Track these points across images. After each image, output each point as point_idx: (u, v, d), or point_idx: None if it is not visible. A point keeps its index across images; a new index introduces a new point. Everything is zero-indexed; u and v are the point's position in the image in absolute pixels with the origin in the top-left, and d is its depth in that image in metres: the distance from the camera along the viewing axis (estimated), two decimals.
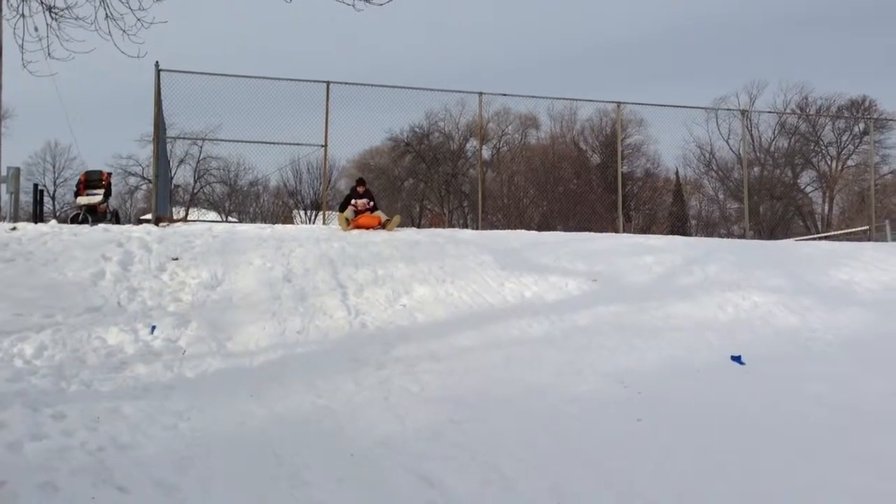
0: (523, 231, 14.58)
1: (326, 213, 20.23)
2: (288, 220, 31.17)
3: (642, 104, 20.58)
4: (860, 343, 9.52)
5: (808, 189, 36.94)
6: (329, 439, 5.79)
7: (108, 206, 14.95)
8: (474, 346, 8.28)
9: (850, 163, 35.57)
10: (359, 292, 9.40)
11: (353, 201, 13.59)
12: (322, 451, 5.53)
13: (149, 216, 13.85)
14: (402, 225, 13.88)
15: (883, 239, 18.06)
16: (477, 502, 5.03)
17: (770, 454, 6.29)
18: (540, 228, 17.26)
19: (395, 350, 7.90)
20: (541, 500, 5.20)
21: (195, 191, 32.86)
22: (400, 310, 9.07)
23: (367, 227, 13.01)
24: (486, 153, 32.01)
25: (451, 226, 28.37)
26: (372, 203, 13.65)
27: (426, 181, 34.34)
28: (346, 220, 13.33)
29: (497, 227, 18.70)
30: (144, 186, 35.61)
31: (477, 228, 15.15)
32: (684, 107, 23.98)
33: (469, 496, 5.09)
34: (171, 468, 4.87)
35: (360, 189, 13.77)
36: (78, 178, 15.88)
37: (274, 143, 15.88)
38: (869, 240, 17.49)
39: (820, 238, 21.38)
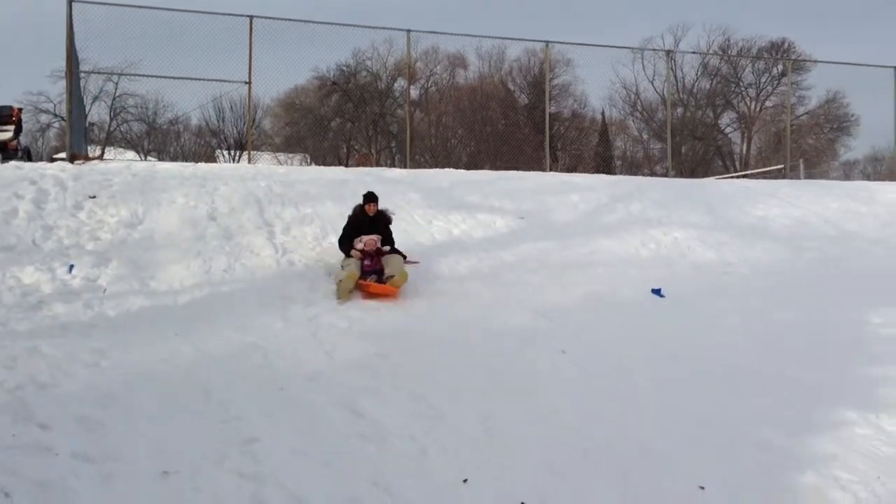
0: (451, 170, 14.56)
1: (252, 153, 19.80)
2: (211, 160, 30.32)
3: (570, 44, 20.55)
4: (773, 276, 9.93)
5: (728, 130, 37.82)
6: (258, 375, 5.77)
7: (18, 142, 14.31)
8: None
9: (768, 104, 36.44)
10: (286, 231, 9.29)
11: (358, 241, 8.45)
12: (251, 387, 5.51)
13: (63, 155, 13.27)
14: (328, 164, 13.30)
15: (797, 177, 18.71)
16: (407, 433, 5.11)
17: (688, 383, 6.55)
18: (468, 169, 17.24)
19: (323, 287, 7.87)
20: (470, 430, 5.31)
21: (111, 129, 31.58)
22: (328, 248, 9.01)
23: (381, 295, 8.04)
24: (414, 93, 31.62)
25: (379, 166, 28.13)
26: (379, 243, 8.52)
27: (353, 121, 33.76)
28: (351, 280, 7.96)
29: (425, 168, 18.59)
30: (57, 124, 34.07)
31: (405, 169, 15.04)
32: (611, 46, 24.25)
33: (399, 427, 5.17)
34: (93, 405, 4.78)
35: (371, 209, 8.70)
36: None
37: (194, 80, 15.29)
38: (784, 178, 18.09)
39: (738, 177, 22.00)
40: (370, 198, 8.84)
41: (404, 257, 8.58)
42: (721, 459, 5.32)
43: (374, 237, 8.52)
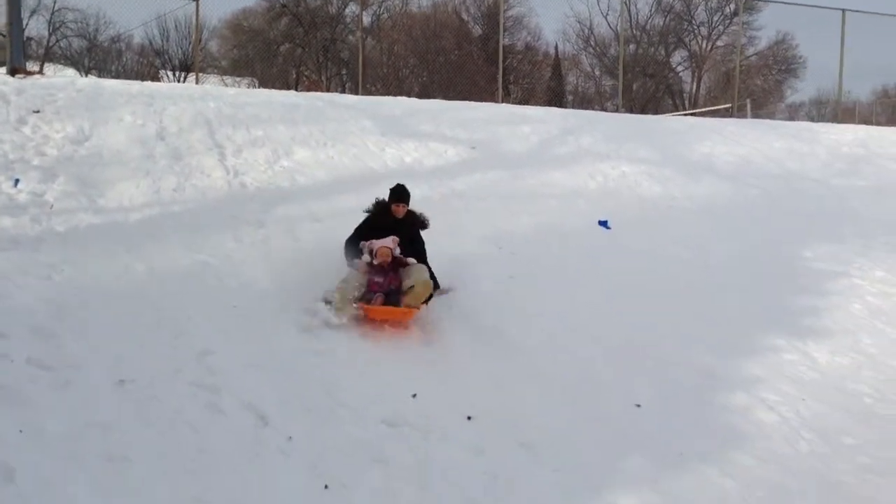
0: (404, 98, 14.46)
1: (199, 75, 19.30)
2: (155, 80, 29.42)
3: None
4: (715, 210, 10.25)
5: (679, 68, 38.02)
6: (211, 293, 5.81)
7: None
8: (355, 209, 8.24)
9: (719, 43, 36.68)
10: (237, 153, 9.19)
11: (366, 246, 6.13)
12: (204, 304, 5.56)
13: (2, 69, 12.77)
14: (279, 88, 13.01)
15: (744, 117, 19.03)
16: (359, 349, 5.27)
17: (629, 310, 6.82)
18: (420, 99, 17.15)
19: (274, 210, 7.86)
20: (419, 349, 5.53)
21: (50, 45, 30.36)
22: (280, 171, 8.96)
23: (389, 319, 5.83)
24: (365, 19, 30.96)
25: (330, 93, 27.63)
26: (398, 250, 6.11)
27: (303, 46, 32.99)
28: (352, 296, 5.77)
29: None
30: None
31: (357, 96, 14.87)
32: None
33: (351, 344, 5.33)
34: (47, 317, 4.77)
35: (399, 211, 6.43)
36: None
37: None
38: (731, 117, 18.40)
39: (687, 114, 22.30)
40: (399, 195, 6.41)
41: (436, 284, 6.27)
42: (657, 380, 5.62)
43: (389, 242, 6.03)
